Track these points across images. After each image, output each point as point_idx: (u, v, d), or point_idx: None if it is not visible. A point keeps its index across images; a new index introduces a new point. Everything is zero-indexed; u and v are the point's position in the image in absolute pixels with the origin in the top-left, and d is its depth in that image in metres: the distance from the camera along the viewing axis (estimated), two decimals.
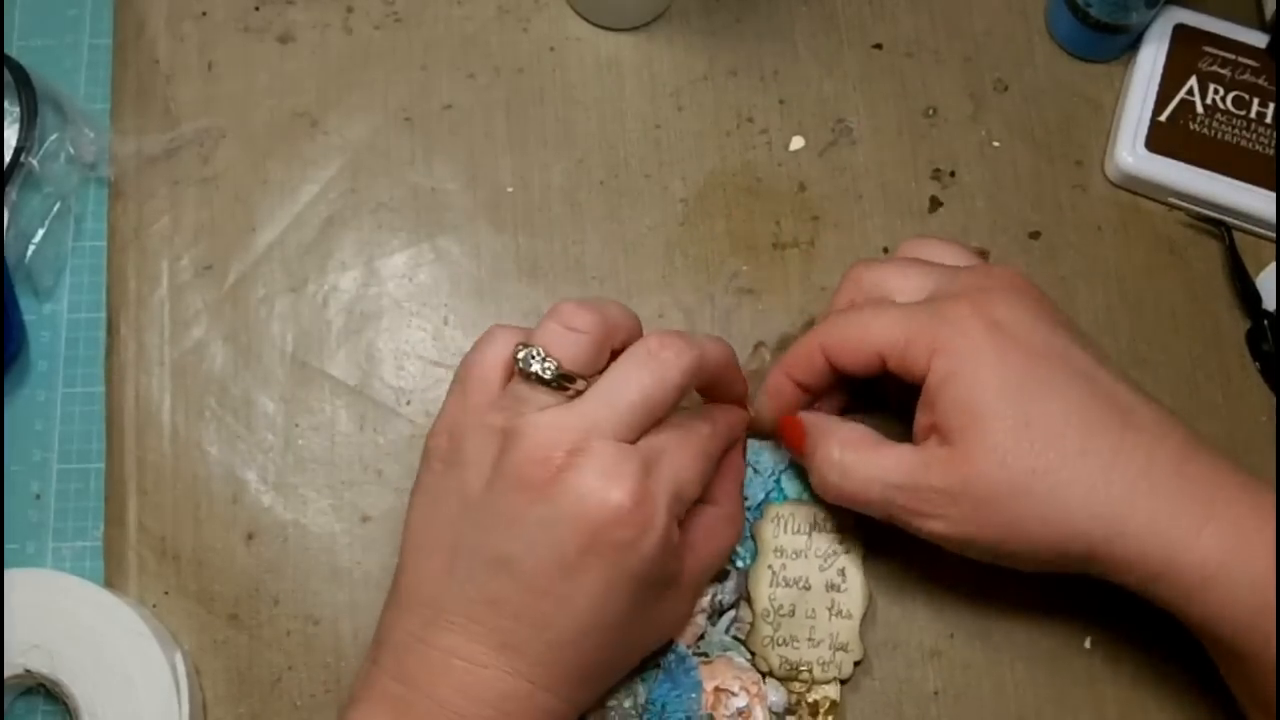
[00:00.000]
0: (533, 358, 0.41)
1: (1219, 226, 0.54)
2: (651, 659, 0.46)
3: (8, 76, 0.53)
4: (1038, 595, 0.50)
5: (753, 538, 0.49)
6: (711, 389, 0.46)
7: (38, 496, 0.51)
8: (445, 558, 0.41)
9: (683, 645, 0.47)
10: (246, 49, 0.55)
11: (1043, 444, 0.41)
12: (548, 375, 0.41)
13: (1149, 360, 0.53)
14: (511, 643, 0.40)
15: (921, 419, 0.44)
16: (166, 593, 0.49)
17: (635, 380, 0.41)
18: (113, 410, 0.51)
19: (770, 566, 0.48)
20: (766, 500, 0.49)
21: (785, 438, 0.48)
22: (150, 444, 0.51)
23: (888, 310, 0.45)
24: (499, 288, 0.53)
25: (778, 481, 0.49)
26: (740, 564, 0.49)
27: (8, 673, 0.46)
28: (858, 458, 0.44)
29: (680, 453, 0.42)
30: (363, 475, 0.50)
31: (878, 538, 0.48)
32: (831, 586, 0.48)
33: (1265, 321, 0.53)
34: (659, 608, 0.43)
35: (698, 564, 0.45)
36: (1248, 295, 0.53)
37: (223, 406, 0.51)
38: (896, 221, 0.54)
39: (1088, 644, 0.49)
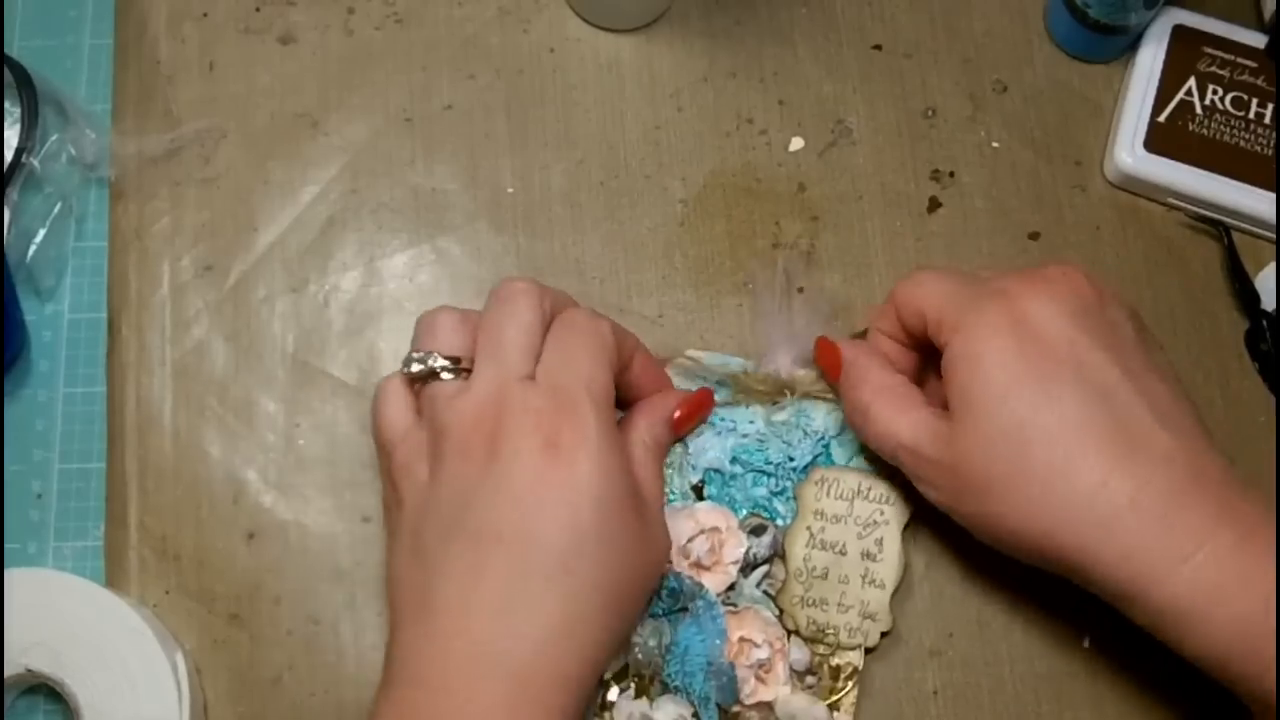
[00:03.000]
0: (419, 360, 0.44)
1: (1218, 227, 0.54)
2: (680, 604, 0.47)
3: (9, 77, 0.53)
4: (1038, 595, 0.50)
5: (795, 498, 0.49)
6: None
7: (39, 496, 0.51)
8: (421, 563, 0.42)
9: (713, 593, 0.47)
10: (247, 50, 0.55)
11: (1030, 450, 0.41)
12: (434, 364, 0.44)
13: None
14: (505, 606, 0.40)
15: (942, 390, 0.44)
16: (167, 592, 0.49)
17: (502, 322, 0.44)
18: (114, 410, 0.51)
19: (809, 528, 0.49)
20: (813, 463, 0.50)
21: (818, 358, 0.49)
22: (151, 444, 0.51)
23: (943, 278, 0.45)
24: None
25: (826, 446, 0.50)
26: (780, 522, 0.49)
27: (9, 672, 0.46)
28: (880, 411, 0.46)
29: (575, 355, 0.44)
30: (364, 475, 0.50)
31: None
32: (867, 555, 0.48)
33: (1264, 321, 0.53)
34: (646, 524, 0.44)
35: (656, 491, 0.46)
36: (1246, 295, 0.53)
37: (224, 406, 0.51)
38: (896, 222, 0.54)
39: (1087, 644, 0.49)
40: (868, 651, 0.48)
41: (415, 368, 0.44)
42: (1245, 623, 0.39)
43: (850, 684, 0.48)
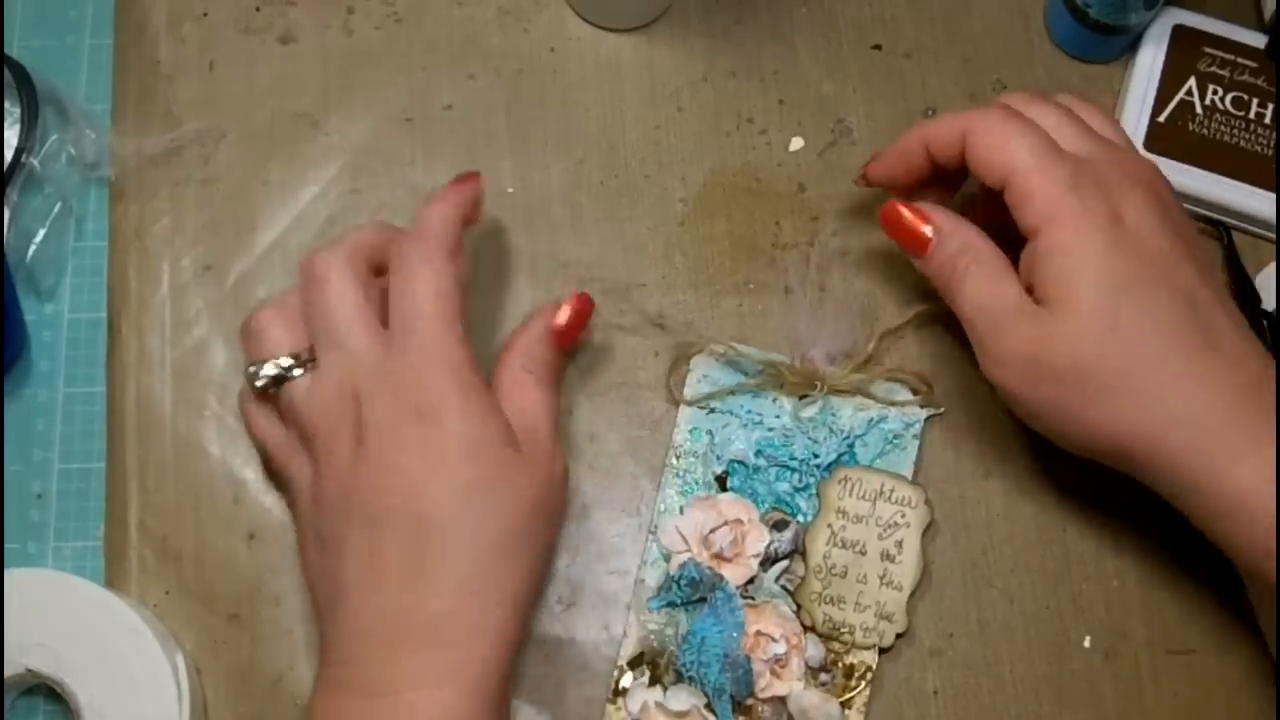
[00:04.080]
0: (261, 374, 0.45)
1: (1218, 227, 0.54)
2: (698, 594, 0.48)
3: (8, 77, 0.53)
4: (1037, 595, 0.50)
5: (817, 495, 0.49)
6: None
7: (39, 496, 0.51)
8: (324, 553, 0.44)
9: (732, 585, 0.48)
10: (247, 50, 0.55)
11: (1121, 343, 0.43)
12: (277, 371, 0.45)
13: None
14: (408, 576, 0.41)
15: (1023, 271, 0.45)
16: (167, 592, 0.49)
17: (324, 305, 0.44)
18: (114, 410, 0.51)
19: (830, 525, 0.49)
20: (838, 461, 0.50)
21: (892, 228, 0.48)
22: (151, 444, 0.51)
23: (1037, 147, 0.45)
24: (499, 288, 0.53)
25: (850, 445, 0.50)
26: (801, 519, 0.49)
27: (9, 672, 0.46)
28: (978, 280, 0.45)
29: (417, 309, 0.44)
30: None
31: None
32: (887, 556, 0.49)
33: (1264, 322, 0.53)
34: (526, 457, 0.44)
35: (541, 416, 0.46)
36: (1247, 295, 0.53)
37: (223, 406, 0.51)
38: None
39: (1087, 644, 0.49)
40: (882, 652, 0.48)
41: (260, 382, 0.45)
42: None
43: (863, 683, 0.48)
